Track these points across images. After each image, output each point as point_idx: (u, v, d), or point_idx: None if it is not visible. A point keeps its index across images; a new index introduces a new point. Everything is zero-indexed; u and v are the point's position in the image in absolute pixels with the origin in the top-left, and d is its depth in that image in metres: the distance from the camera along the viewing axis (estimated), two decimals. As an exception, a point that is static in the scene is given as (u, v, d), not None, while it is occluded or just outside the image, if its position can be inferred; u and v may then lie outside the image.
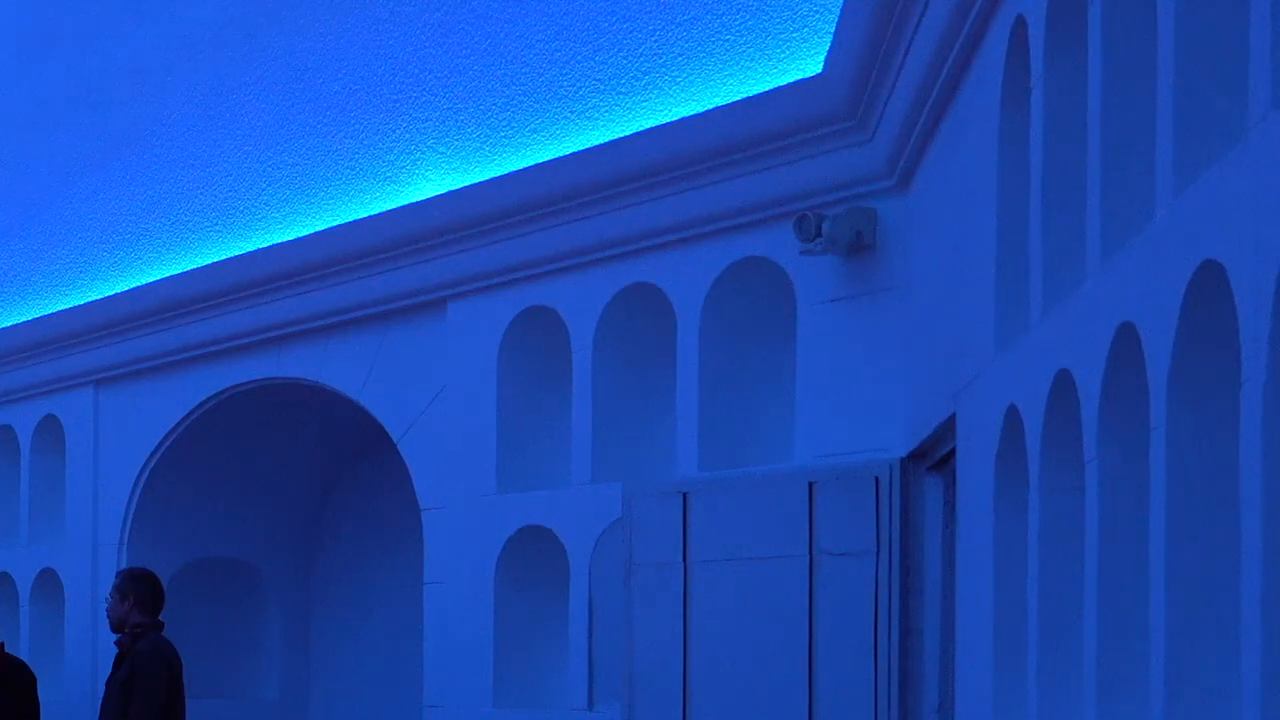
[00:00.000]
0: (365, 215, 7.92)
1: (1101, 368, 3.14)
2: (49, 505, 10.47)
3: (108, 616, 8.19)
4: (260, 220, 8.65)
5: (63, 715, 9.85)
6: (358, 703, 10.05)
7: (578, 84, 6.97)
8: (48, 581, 10.37)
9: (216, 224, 8.97)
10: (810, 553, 5.72)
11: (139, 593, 8.09)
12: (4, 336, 10.43)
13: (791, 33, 6.13)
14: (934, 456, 5.37)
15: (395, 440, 8.04)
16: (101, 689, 8.21)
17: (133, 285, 9.48)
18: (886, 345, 5.76)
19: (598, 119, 6.87)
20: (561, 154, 6.95)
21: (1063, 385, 3.45)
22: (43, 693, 9.21)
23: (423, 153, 7.74)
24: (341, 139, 8.19)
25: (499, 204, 7.15)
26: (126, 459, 9.71)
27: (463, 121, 7.53)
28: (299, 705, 10.35)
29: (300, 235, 8.30)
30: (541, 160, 7.03)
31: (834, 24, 5.68)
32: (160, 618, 8.06)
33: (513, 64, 7.27)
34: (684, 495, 6.13)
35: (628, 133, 6.65)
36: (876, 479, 5.57)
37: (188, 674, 8.05)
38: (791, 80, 6.00)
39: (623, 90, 6.74)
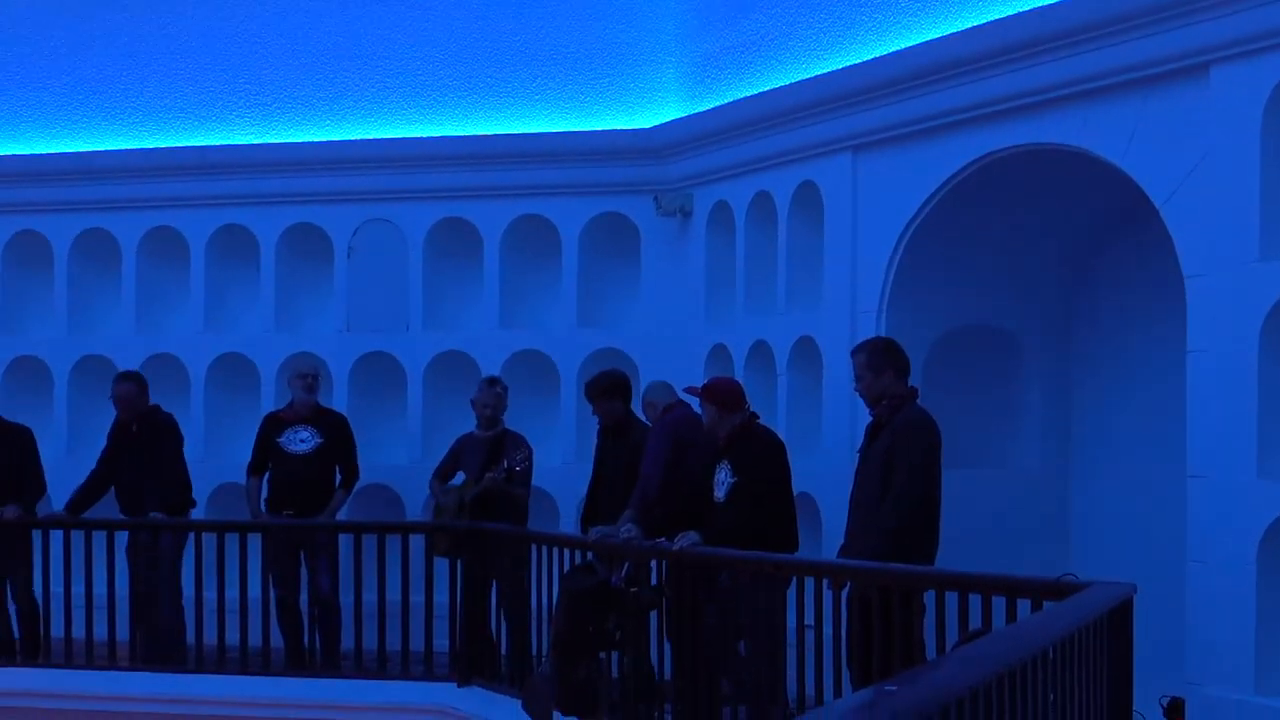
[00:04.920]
0: (1129, -23, 9.33)
1: None
2: (806, 272, 12.37)
3: (863, 393, 9.73)
4: (1022, -18, 10.17)
5: (820, 486, 11.82)
6: (1119, 473, 11.56)
7: None
8: (805, 349, 12.29)
9: (980, -15, 10.55)
10: None
11: (894, 363, 9.59)
12: (762, 101, 12.45)
13: None
14: None
15: (1158, 206, 9.50)
16: (855, 460, 9.96)
17: (892, 49, 11.19)
18: None
19: None
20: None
21: None
22: (800, 462, 11.02)
23: (1189, -86, 9.09)
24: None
25: (1265, -36, 8.44)
26: (884, 226, 11.51)
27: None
28: (1059, 475, 11.93)
29: (1063, -2, 9.79)
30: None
31: None
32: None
33: None
34: None
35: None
36: None
37: (946, 443, 9.57)
38: None
39: None
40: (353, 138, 14.85)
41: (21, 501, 13.51)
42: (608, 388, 11.96)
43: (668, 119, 13.84)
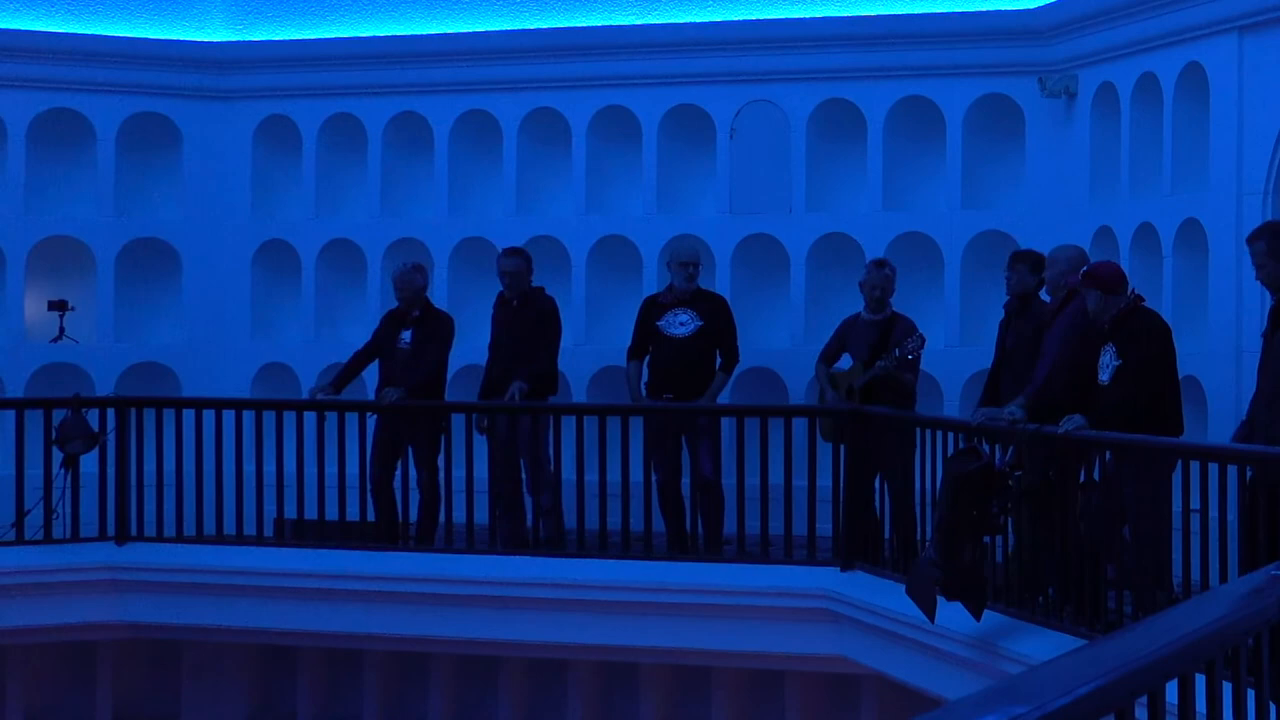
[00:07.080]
0: None
1: None
2: (1191, 154, 12.96)
3: (1265, 280, 9.94)
4: None
5: (1205, 369, 12.46)
6: None
7: None
8: (1190, 232, 12.89)
9: None
10: None
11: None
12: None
13: None
14: None
15: None
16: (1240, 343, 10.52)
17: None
18: None
19: None
20: None
21: None
22: (1185, 345, 11.37)
23: None
24: None
25: None
26: (1271, 107, 12.12)
27: None
28: None
29: None
30: None
31: None
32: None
33: None
34: None
35: None
36: None
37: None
38: None
39: None
40: (734, 18, 15.53)
41: (408, 383, 14.06)
42: (1023, 254, 12.42)
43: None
